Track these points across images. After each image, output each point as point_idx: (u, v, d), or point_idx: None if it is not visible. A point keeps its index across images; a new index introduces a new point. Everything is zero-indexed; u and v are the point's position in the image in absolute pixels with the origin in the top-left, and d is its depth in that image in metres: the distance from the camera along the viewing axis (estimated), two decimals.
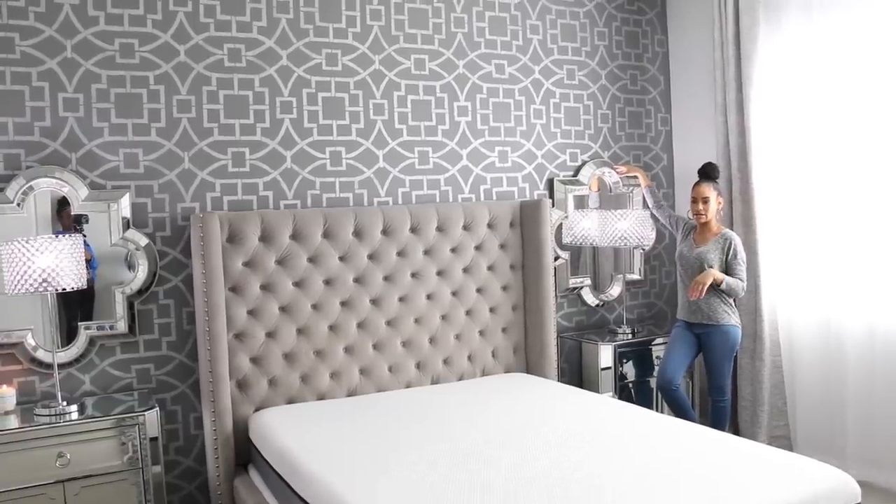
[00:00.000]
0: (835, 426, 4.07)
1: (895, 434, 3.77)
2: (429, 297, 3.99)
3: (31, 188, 3.31)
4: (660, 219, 4.53)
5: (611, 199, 4.78)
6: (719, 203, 4.08)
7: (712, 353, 4.04)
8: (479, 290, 4.13)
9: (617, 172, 4.74)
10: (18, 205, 3.29)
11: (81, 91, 3.43)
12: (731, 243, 3.97)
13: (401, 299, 3.92)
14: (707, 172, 4.09)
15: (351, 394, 3.78)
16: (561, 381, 4.23)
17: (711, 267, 3.94)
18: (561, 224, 4.59)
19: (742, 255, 3.99)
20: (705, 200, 4.02)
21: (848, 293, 3.97)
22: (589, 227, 4.48)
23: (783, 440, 4.27)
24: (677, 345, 4.12)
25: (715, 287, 3.92)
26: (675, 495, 2.25)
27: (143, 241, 3.55)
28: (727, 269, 3.97)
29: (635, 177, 4.70)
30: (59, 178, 3.37)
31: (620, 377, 4.39)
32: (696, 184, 4.08)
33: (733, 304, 4.03)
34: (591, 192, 4.71)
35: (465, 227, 4.08)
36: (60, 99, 3.40)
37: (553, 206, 4.48)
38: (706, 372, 4.15)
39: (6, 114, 3.30)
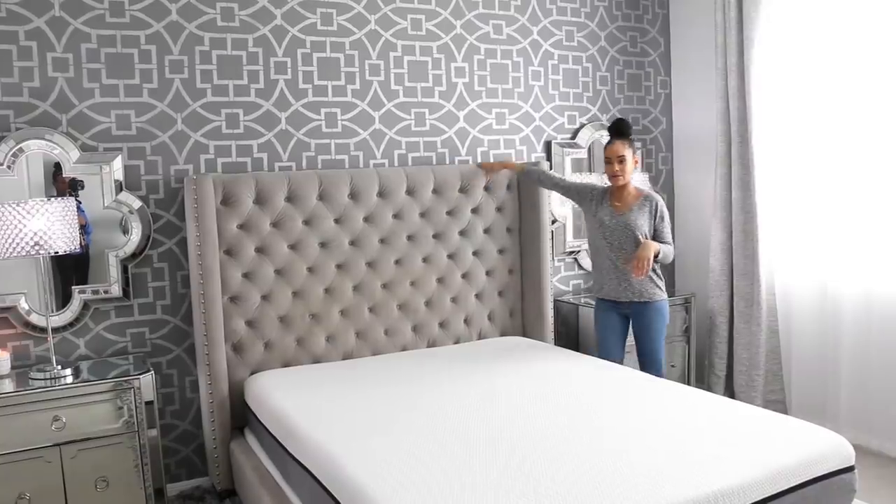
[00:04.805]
0: (829, 391, 4.09)
1: (889, 399, 3.79)
2: (425, 259, 3.97)
3: (21, 150, 3.26)
4: (557, 194, 4.19)
5: None
6: (635, 162, 3.67)
7: (646, 332, 3.67)
8: (475, 253, 4.12)
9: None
10: (9, 167, 3.24)
11: (71, 51, 3.37)
12: (657, 205, 3.63)
13: (397, 262, 3.90)
14: (620, 129, 3.64)
15: (346, 357, 3.78)
16: (557, 345, 4.23)
17: (644, 235, 3.59)
18: None
19: (667, 215, 3.67)
20: (621, 160, 3.59)
21: (845, 259, 3.96)
22: None
23: (778, 404, 4.29)
24: (609, 334, 3.79)
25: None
26: (670, 456, 2.26)
27: (137, 203, 3.51)
28: (654, 234, 3.64)
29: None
30: (49, 140, 3.32)
31: None
32: (609, 143, 3.65)
33: (661, 276, 3.70)
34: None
35: (462, 190, 4.05)
36: (49, 59, 3.34)
37: (551, 168, 4.44)
38: (638, 351, 3.75)
39: None
